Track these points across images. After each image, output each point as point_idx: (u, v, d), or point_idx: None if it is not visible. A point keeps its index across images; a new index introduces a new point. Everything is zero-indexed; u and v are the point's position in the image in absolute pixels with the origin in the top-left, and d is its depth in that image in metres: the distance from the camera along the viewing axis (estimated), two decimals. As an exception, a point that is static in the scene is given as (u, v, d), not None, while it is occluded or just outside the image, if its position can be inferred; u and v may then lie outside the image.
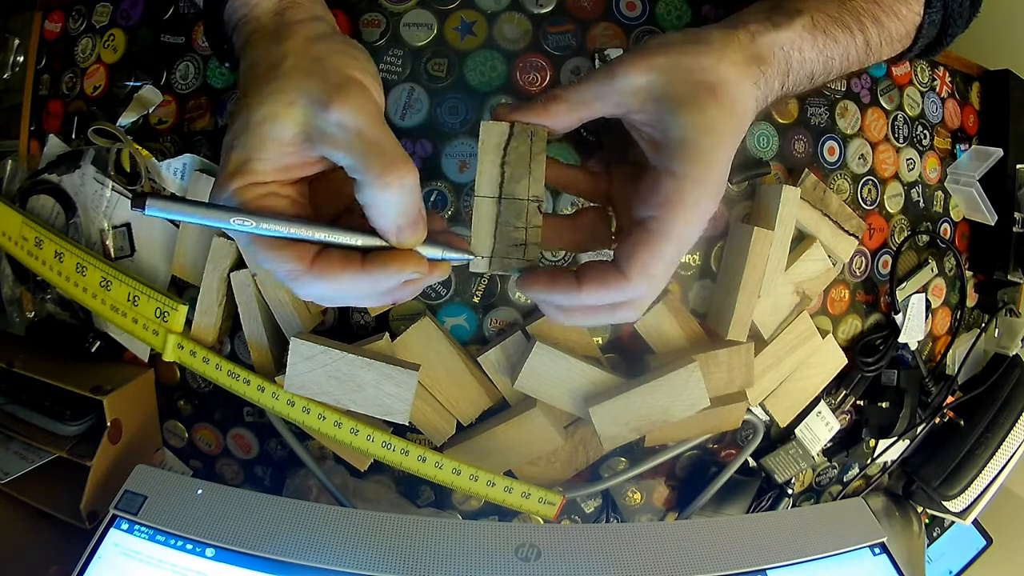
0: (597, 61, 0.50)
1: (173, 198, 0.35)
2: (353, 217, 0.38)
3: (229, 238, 0.48)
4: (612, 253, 0.39)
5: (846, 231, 0.55)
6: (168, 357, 0.49)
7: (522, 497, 0.50)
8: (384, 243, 0.36)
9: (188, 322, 0.50)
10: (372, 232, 0.36)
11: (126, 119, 0.53)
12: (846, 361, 0.58)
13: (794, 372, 0.56)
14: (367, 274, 0.36)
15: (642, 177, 0.38)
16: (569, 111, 0.39)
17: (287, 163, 0.35)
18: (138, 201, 0.32)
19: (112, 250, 0.54)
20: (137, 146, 0.51)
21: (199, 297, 0.50)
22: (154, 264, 0.53)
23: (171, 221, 0.51)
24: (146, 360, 0.56)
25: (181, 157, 0.51)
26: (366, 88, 0.36)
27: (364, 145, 0.34)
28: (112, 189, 0.53)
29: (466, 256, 0.38)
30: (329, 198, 0.39)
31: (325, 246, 0.35)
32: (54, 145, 0.56)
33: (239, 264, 0.49)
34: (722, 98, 0.37)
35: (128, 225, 0.53)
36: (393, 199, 0.34)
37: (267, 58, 0.36)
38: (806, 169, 0.53)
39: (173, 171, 0.51)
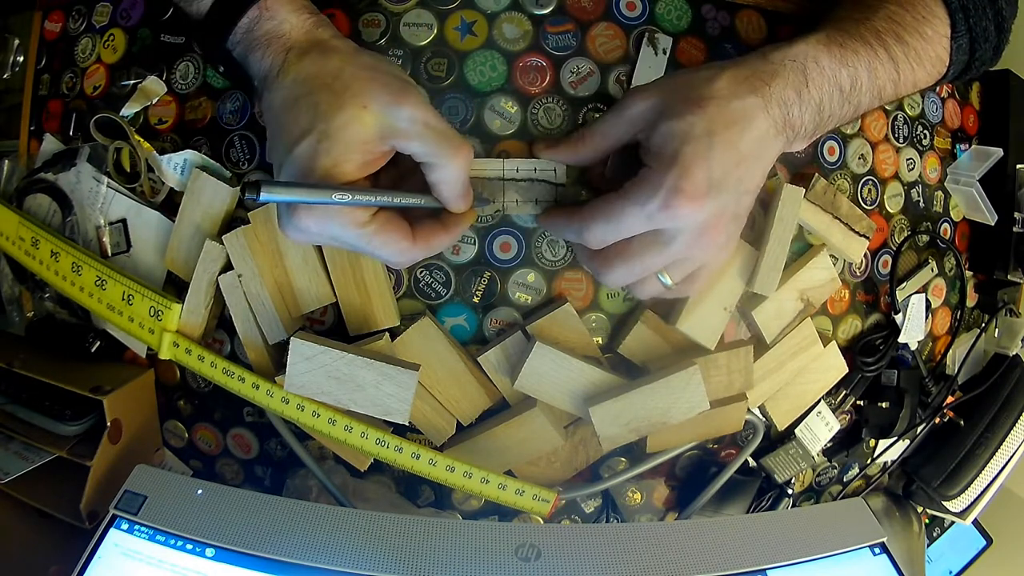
0: (645, 44, 0.50)
1: (283, 183, 0.38)
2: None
3: (221, 242, 0.48)
4: None
5: (857, 232, 0.55)
6: (164, 355, 0.50)
7: (516, 494, 0.50)
8: (437, 202, 0.44)
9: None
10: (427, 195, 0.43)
11: (128, 110, 0.53)
12: (847, 370, 0.58)
13: (795, 377, 0.56)
14: (451, 235, 0.45)
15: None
16: (593, 146, 0.46)
17: (367, 160, 0.40)
18: (252, 189, 0.35)
19: (108, 247, 0.53)
20: (139, 137, 0.51)
21: (187, 296, 0.50)
22: (150, 259, 0.53)
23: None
24: (144, 357, 0.56)
25: (182, 153, 0.51)
26: (417, 87, 0.42)
27: (434, 134, 0.40)
28: (108, 186, 0.53)
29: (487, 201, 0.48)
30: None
31: (412, 223, 0.43)
32: (50, 144, 0.56)
33: (227, 267, 0.49)
34: (709, 109, 0.40)
35: (124, 221, 0.53)
36: (459, 174, 0.42)
37: (324, 71, 0.40)
38: (816, 174, 0.53)
39: (174, 166, 0.51)
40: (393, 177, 0.45)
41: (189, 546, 0.44)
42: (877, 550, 0.49)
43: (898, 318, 0.59)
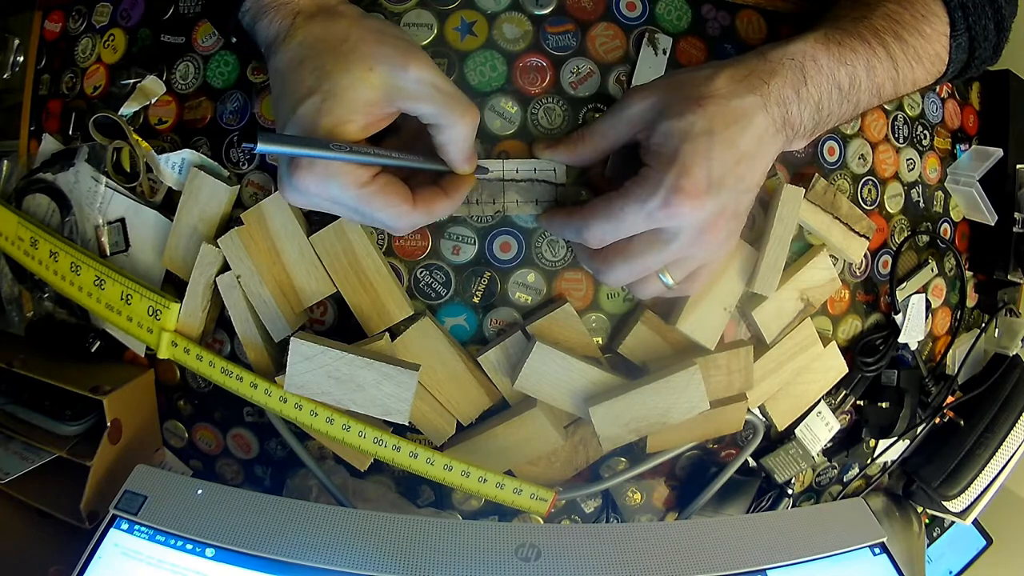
0: (645, 44, 0.50)
1: (280, 135, 0.39)
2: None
3: (217, 245, 0.48)
4: None
5: (857, 232, 0.55)
6: (162, 354, 0.50)
7: (513, 493, 0.50)
8: (443, 165, 0.44)
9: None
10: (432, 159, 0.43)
11: (127, 109, 0.53)
12: (847, 370, 0.58)
13: (795, 377, 0.56)
14: (451, 200, 0.43)
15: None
16: (592, 146, 0.46)
17: (370, 122, 0.40)
18: (248, 137, 0.36)
19: (107, 246, 0.54)
20: (137, 137, 0.51)
21: (184, 300, 0.50)
22: (148, 259, 0.53)
23: (168, 218, 0.51)
24: (143, 356, 0.56)
25: (180, 152, 0.51)
26: (423, 50, 0.41)
27: (442, 95, 0.40)
28: (106, 185, 0.53)
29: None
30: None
31: (413, 188, 0.42)
32: (49, 144, 0.56)
33: (224, 269, 0.49)
34: (708, 107, 0.41)
35: (122, 220, 0.53)
36: (467, 134, 0.42)
37: (330, 34, 0.40)
38: (816, 174, 0.53)
39: (171, 165, 0.51)
40: (399, 144, 0.45)
41: (189, 546, 0.44)
42: (877, 550, 0.49)
43: (898, 318, 0.59)
